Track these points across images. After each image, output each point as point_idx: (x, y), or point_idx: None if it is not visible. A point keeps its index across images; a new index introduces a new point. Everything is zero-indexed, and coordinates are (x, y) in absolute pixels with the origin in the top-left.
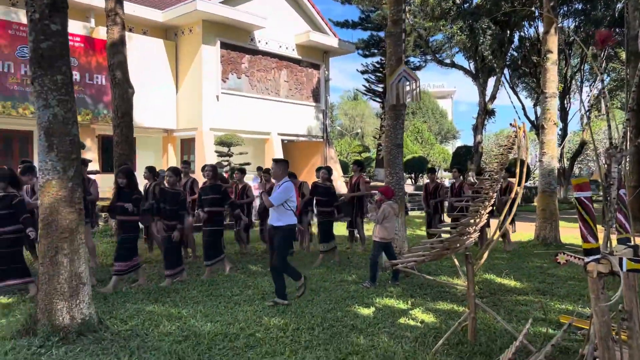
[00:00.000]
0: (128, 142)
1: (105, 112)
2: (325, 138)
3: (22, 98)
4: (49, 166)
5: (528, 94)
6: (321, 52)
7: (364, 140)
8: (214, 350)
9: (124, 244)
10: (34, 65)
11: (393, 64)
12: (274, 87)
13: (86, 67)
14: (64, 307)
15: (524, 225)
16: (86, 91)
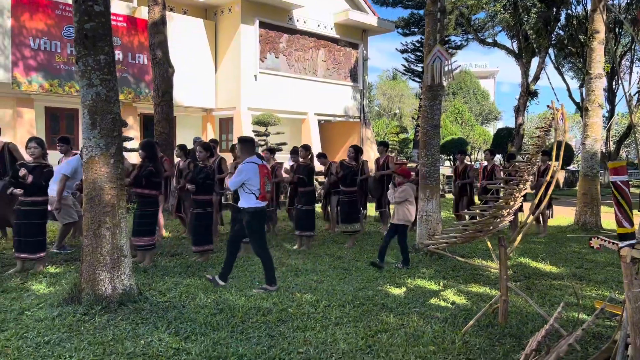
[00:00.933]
0: (168, 121)
1: (147, 91)
2: (362, 118)
3: (68, 77)
4: (92, 143)
5: (574, 74)
6: (360, 31)
7: (402, 120)
8: (247, 323)
9: (142, 219)
10: (79, 45)
11: (431, 43)
12: (312, 66)
13: (128, 47)
14: (106, 277)
15: (565, 209)
16: (128, 70)
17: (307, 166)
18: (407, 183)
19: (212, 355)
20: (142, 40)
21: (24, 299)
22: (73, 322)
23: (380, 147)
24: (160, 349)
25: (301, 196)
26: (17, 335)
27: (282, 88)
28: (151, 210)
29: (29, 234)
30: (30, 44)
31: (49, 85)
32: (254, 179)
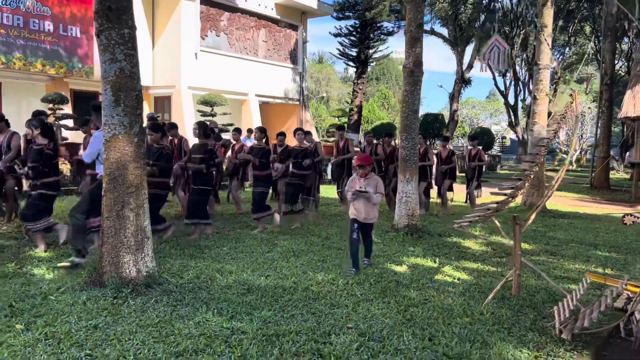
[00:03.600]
0: None
1: (79, 66)
2: (301, 101)
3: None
4: (116, 121)
5: None
6: (300, 12)
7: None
8: (281, 302)
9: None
10: (101, 18)
11: (413, 30)
12: (252, 46)
13: (59, 18)
14: (130, 260)
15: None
16: (60, 43)
17: (263, 149)
18: (372, 173)
19: (268, 333)
20: (74, 11)
21: (37, 284)
22: (108, 306)
23: (339, 131)
24: (214, 329)
25: (258, 179)
26: (57, 320)
27: (223, 67)
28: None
29: None
30: None
31: None
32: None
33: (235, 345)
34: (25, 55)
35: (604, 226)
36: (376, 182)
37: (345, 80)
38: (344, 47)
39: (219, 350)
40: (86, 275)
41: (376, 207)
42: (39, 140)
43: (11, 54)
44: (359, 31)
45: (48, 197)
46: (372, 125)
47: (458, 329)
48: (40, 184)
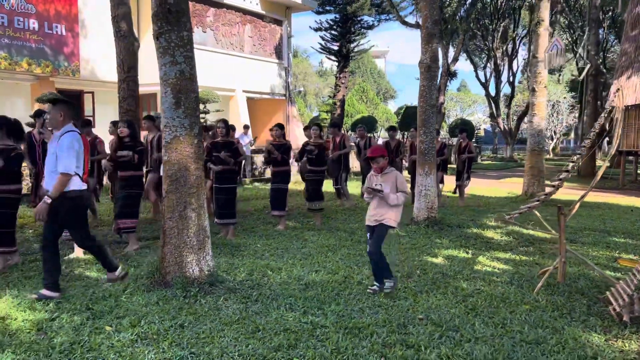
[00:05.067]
0: (134, 98)
1: (65, 65)
2: (287, 96)
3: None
4: (177, 123)
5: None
6: (284, 7)
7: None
8: (343, 296)
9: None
10: (161, 20)
11: (429, 26)
12: (239, 42)
13: (44, 15)
14: (193, 259)
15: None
16: (45, 41)
17: (284, 145)
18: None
19: (348, 326)
20: (59, 8)
21: (100, 287)
22: (183, 305)
23: (333, 128)
24: (295, 324)
25: (276, 175)
26: (140, 320)
27: (209, 63)
28: (135, 192)
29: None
30: None
31: None
32: (81, 154)
33: (323, 339)
34: (11, 55)
35: (606, 213)
36: (394, 178)
37: (321, 74)
38: (326, 42)
39: (312, 344)
40: (147, 276)
41: (397, 209)
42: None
43: None
44: (340, 25)
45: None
46: (353, 119)
47: (523, 316)
48: None
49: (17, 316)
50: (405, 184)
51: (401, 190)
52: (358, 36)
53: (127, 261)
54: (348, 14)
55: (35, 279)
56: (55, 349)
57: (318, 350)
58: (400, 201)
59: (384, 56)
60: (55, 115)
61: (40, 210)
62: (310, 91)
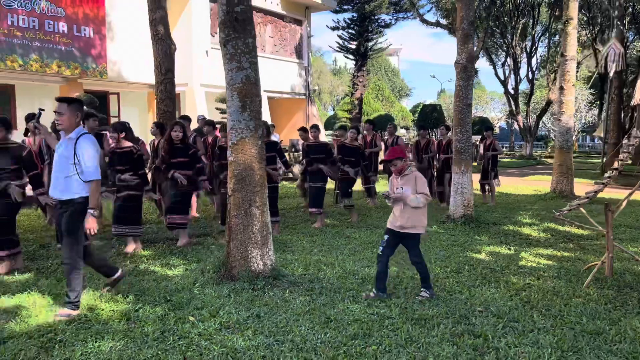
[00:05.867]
0: (171, 99)
1: (93, 67)
2: (307, 95)
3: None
4: (243, 125)
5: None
6: (303, 7)
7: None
8: (399, 289)
9: (180, 197)
10: (228, 28)
11: (465, 27)
12: (260, 42)
13: (73, 19)
14: (257, 254)
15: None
16: (74, 44)
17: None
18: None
19: (413, 317)
20: (87, 11)
21: (170, 280)
22: (253, 297)
23: (366, 125)
24: (362, 316)
25: (316, 174)
26: (219, 311)
27: None
28: (188, 190)
29: None
30: None
31: None
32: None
33: (394, 328)
34: (42, 57)
35: (638, 210)
36: (414, 179)
37: (335, 72)
38: (343, 40)
39: (385, 334)
40: (213, 270)
41: (420, 212)
42: (124, 143)
43: (28, 56)
44: (358, 24)
45: (136, 198)
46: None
47: (578, 309)
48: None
49: (103, 307)
50: (425, 185)
51: (421, 192)
52: (375, 35)
53: (185, 256)
54: (366, 13)
55: None
56: (149, 337)
57: (392, 338)
58: (421, 203)
59: (397, 54)
60: (72, 116)
61: (92, 224)
62: (324, 90)
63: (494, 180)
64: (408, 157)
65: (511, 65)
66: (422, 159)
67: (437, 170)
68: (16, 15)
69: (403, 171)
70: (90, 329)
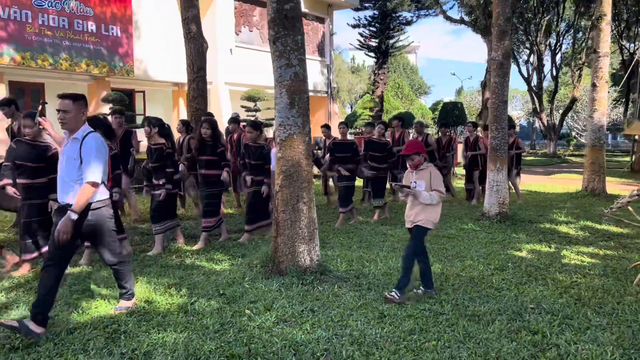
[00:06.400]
0: (203, 97)
1: (120, 65)
2: (329, 93)
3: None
4: (291, 122)
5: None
6: (326, 5)
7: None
8: (446, 286)
9: (210, 199)
10: (277, 26)
11: (502, 23)
12: None
13: (101, 18)
14: (304, 250)
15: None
16: (102, 43)
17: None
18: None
19: (466, 314)
20: (114, 10)
21: (220, 274)
22: (303, 292)
23: (395, 121)
24: (415, 312)
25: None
26: (272, 305)
27: (256, 62)
28: (217, 191)
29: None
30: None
31: (20, 58)
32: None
33: (449, 324)
34: (71, 56)
35: None
36: (429, 175)
37: (353, 70)
38: (364, 38)
39: (442, 329)
40: (260, 265)
41: (431, 208)
42: (156, 139)
43: (58, 55)
44: (379, 22)
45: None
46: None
47: (632, 307)
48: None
49: (159, 299)
50: (440, 182)
51: (435, 189)
52: (397, 32)
53: (228, 251)
54: (387, 10)
55: (153, 267)
56: (209, 329)
57: (449, 334)
58: (434, 200)
59: (415, 51)
60: (78, 114)
61: (64, 228)
62: (343, 87)
63: (516, 178)
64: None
65: (535, 62)
66: (444, 157)
67: (465, 167)
68: (47, 14)
69: (419, 166)
70: (151, 321)
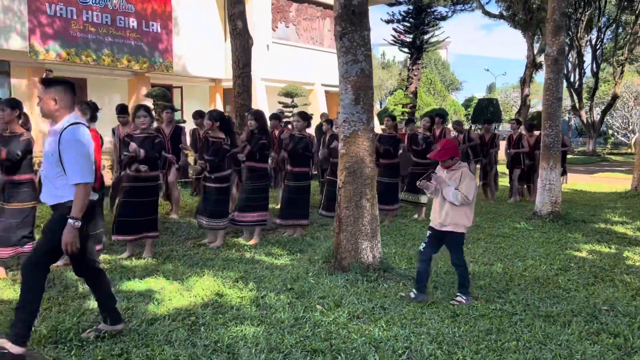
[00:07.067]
0: (248, 93)
1: (160, 61)
2: None
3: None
4: (355, 118)
5: None
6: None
7: None
8: (511, 285)
9: (257, 193)
10: (345, 21)
11: (557, 18)
12: (319, 36)
13: (142, 14)
14: (367, 246)
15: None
16: (143, 39)
17: (393, 137)
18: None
19: (539, 314)
20: (155, 7)
21: (283, 269)
22: (370, 289)
23: (438, 118)
24: (484, 311)
25: (385, 169)
26: (341, 301)
27: (292, 58)
28: (263, 184)
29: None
30: (46, 10)
31: (66, 54)
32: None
33: (525, 325)
34: (113, 52)
35: None
36: (460, 175)
37: (384, 66)
38: (398, 34)
39: (519, 329)
40: (322, 261)
41: (461, 210)
42: (216, 133)
43: (101, 51)
44: (414, 17)
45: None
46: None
47: None
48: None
49: (229, 292)
50: (470, 188)
51: (463, 193)
52: (431, 27)
53: (284, 246)
54: (422, 5)
55: (216, 260)
56: (284, 323)
57: (528, 334)
58: (456, 199)
59: (446, 47)
60: (48, 101)
61: (69, 239)
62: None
63: (562, 176)
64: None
65: (575, 58)
66: (488, 154)
67: (507, 165)
68: (91, 11)
69: (451, 166)
70: (226, 313)
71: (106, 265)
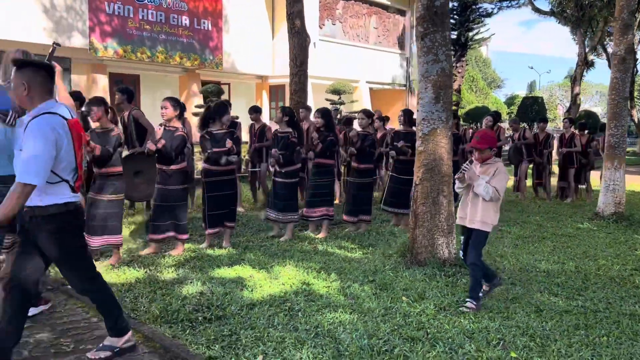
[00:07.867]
0: (304, 91)
1: (210, 58)
2: (408, 86)
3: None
4: (435, 116)
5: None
6: None
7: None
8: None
9: (323, 189)
10: (427, 22)
11: (625, 17)
12: (364, 33)
13: (194, 12)
14: (443, 242)
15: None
16: (194, 36)
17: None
18: (496, 159)
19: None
20: (206, 5)
21: (360, 262)
22: (449, 283)
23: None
24: (567, 307)
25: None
26: (424, 294)
27: (338, 55)
28: (329, 180)
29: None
30: (105, 9)
31: (122, 51)
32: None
33: (611, 322)
34: (166, 49)
35: None
36: (494, 171)
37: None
38: None
39: (606, 325)
40: (398, 255)
41: (490, 207)
42: (284, 127)
43: (155, 48)
44: (459, 13)
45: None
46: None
47: None
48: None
49: (314, 282)
50: (503, 182)
51: (496, 188)
52: (476, 24)
53: (354, 240)
54: (468, 2)
55: (292, 252)
56: (375, 312)
57: (616, 330)
58: (487, 194)
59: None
60: (18, 86)
61: None
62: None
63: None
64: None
65: None
66: (542, 153)
67: (559, 165)
68: (146, 9)
69: (486, 160)
70: (317, 301)
71: (192, 254)
